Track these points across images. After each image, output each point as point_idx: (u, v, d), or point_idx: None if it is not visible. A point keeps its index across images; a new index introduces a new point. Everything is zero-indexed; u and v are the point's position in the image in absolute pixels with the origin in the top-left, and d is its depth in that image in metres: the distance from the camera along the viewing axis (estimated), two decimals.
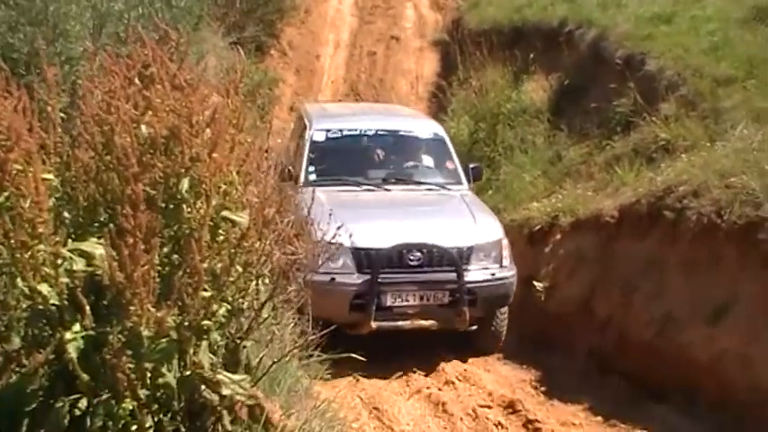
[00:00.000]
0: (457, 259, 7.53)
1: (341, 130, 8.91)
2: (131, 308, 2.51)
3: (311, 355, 4.62)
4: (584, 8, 12.11)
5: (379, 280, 7.34)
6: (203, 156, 2.74)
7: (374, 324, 7.32)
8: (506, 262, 7.84)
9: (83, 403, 2.79)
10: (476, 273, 7.63)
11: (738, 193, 6.69)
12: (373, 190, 8.42)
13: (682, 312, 6.85)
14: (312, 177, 8.34)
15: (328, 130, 8.80)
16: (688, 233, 7.02)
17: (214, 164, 2.76)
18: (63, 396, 2.80)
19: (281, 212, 3.15)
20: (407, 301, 7.51)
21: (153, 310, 2.52)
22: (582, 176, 9.86)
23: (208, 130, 2.78)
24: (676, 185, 7.44)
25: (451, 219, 8.18)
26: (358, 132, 8.98)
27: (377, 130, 9.09)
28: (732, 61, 8.87)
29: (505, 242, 7.92)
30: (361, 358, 4.59)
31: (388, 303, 7.46)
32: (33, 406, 2.84)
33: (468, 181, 8.89)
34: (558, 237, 8.78)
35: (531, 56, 12.08)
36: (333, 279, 7.12)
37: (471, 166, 9.10)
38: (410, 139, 9.23)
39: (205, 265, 2.76)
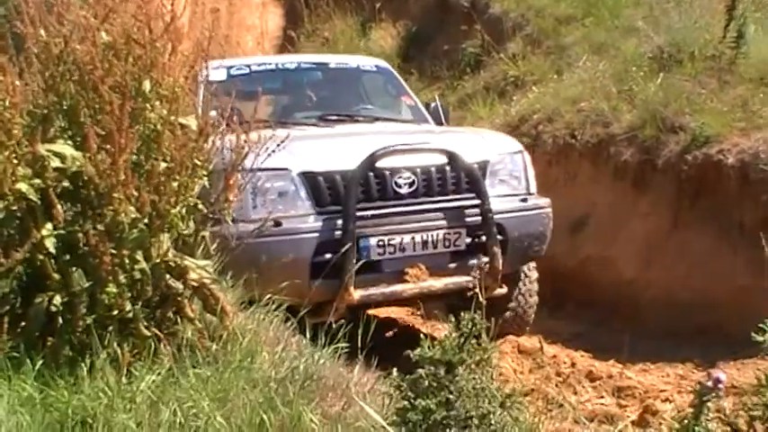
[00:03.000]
0: (475, 173, 5.15)
1: (248, 66, 6.48)
2: (115, 195, 2.71)
3: None
4: None
5: (357, 216, 4.78)
6: (162, 60, 2.96)
7: (356, 293, 4.79)
8: (533, 187, 5.61)
9: (57, 300, 2.97)
10: (498, 201, 5.25)
11: (589, 115, 7.39)
12: (311, 128, 5.92)
13: None
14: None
15: (230, 67, 6.14)
16: (546, 155, 7.65)
17: (170, 68, 2.98)
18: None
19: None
20: (403, 249, 4.97)
21: (136, 194, 2.73)
22: None
23: (165, 36, 3.00)
24: (530, 114, 8.08)
25: (444, 133, 6.03)
26: (274, 67, 6.74)
27: (300, 64, 7.00)
28: (571, 1, 9.58)
29: (528, 158, 5.66)
30: None
31: (374, 257, 4.91)
32: (7, 308, 3.00)
33: (439, 122, 6.63)
34: None
35: (378, 5, 12.50)
36: (278, 225, 4.57)
37: (436, 103, 6.85)
38: (347, 71, 6.98)
39: (164, 165, 2.99)
